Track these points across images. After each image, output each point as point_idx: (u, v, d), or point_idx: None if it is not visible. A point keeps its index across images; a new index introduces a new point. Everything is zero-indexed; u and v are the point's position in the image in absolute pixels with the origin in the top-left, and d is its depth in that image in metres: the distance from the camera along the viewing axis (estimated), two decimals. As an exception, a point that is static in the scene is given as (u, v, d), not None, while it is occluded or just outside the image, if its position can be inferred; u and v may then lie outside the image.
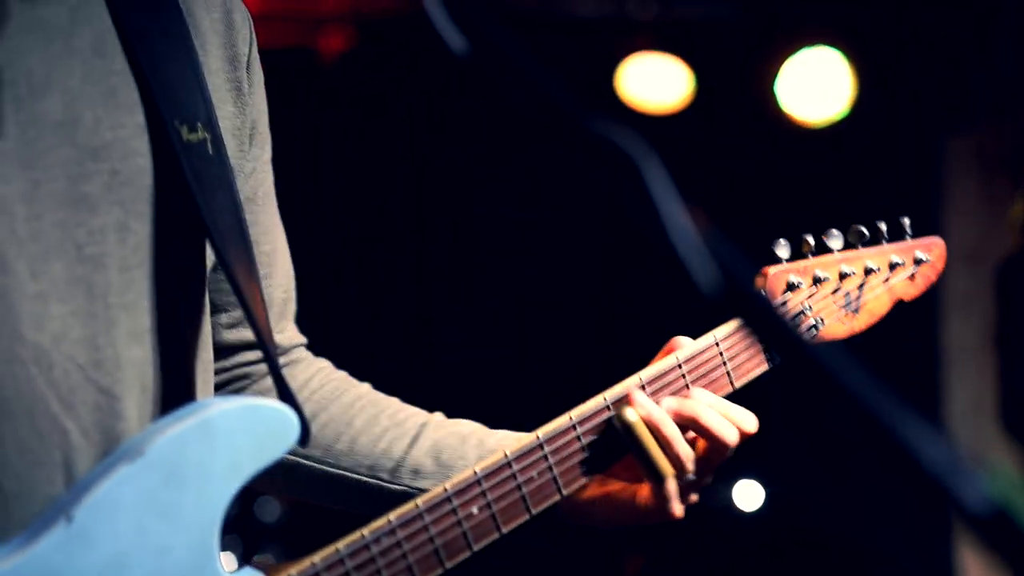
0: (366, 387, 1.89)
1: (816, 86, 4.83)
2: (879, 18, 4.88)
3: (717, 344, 1.77)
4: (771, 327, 1.11)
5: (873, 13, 4.87)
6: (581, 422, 1.68)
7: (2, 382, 1.43)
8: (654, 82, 4.97)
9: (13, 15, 1.48)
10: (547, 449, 1.66)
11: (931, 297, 2.03)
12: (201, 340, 1.60)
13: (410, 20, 4.71)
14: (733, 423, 1.70)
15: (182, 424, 1.46)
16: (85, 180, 1.49)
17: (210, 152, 1.56)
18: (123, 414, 1.50)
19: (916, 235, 1.97)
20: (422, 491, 1.69)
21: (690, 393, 1.72)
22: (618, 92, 4.98)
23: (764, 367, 1.80)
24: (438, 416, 1.85)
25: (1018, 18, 4.71)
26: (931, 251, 1.97)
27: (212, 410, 1.48)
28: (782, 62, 4.83)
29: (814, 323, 1.85)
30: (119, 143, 1.52)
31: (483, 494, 1.63)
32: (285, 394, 1.56)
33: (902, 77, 4.89)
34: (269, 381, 1.80)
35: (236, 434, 1.48)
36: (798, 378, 1.07)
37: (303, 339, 1.90)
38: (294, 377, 1.85)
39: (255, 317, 1.57)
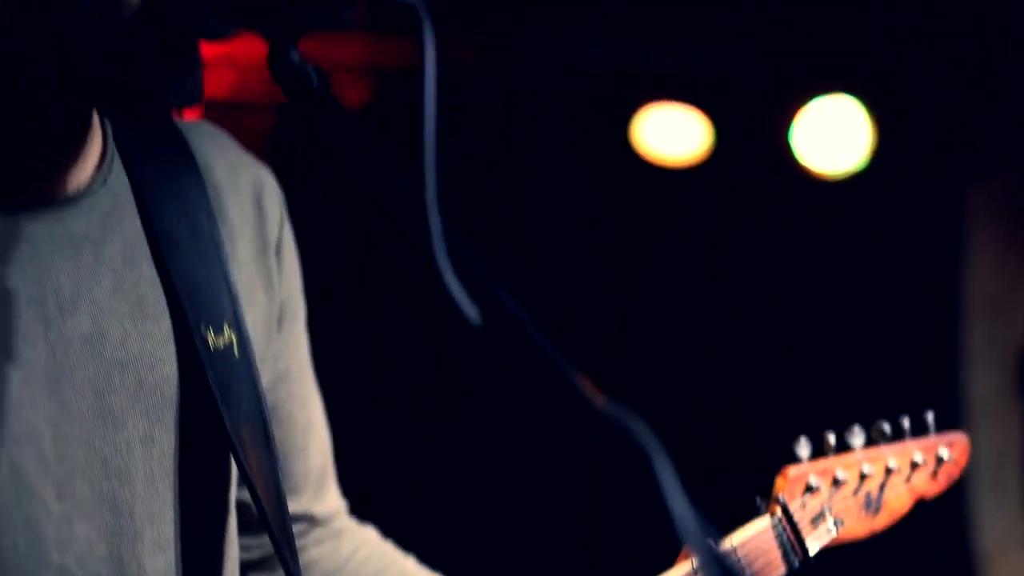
0: (411, 563, 1.92)
1: (835, 136, 4.81)
2: (896, 66, 4.86)
3: (735, 550, 1.76)
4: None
5: (890, 61, 4.85)
6: None
7: None
8: (670, 133, 4.95)
9: (42, 231, 1.48)
10: None
11: (950, 350, 2.01)
12: (225, 541, 1.61)
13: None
14: None
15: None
16: (111, 393, 1.50)
17: (236, 356, 1.57)
18: None
19: (937, 422, 1.95)
20: None
21: None
22: (633, 143, 4.98)
23: (782, 571, 1.80)
24: None
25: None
26: (954, 448, 1.97)
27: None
28: (800, 111, 4.82)
29: (834, 524, 1.84)
30: (145, 354, 1.53)
31: None
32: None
33: (919, 125, 4.86)
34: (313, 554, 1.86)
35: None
36: None
37: (343, 505, 1.93)
38: (338, 551, 1.88)
39: (273, 528, 1.57)
